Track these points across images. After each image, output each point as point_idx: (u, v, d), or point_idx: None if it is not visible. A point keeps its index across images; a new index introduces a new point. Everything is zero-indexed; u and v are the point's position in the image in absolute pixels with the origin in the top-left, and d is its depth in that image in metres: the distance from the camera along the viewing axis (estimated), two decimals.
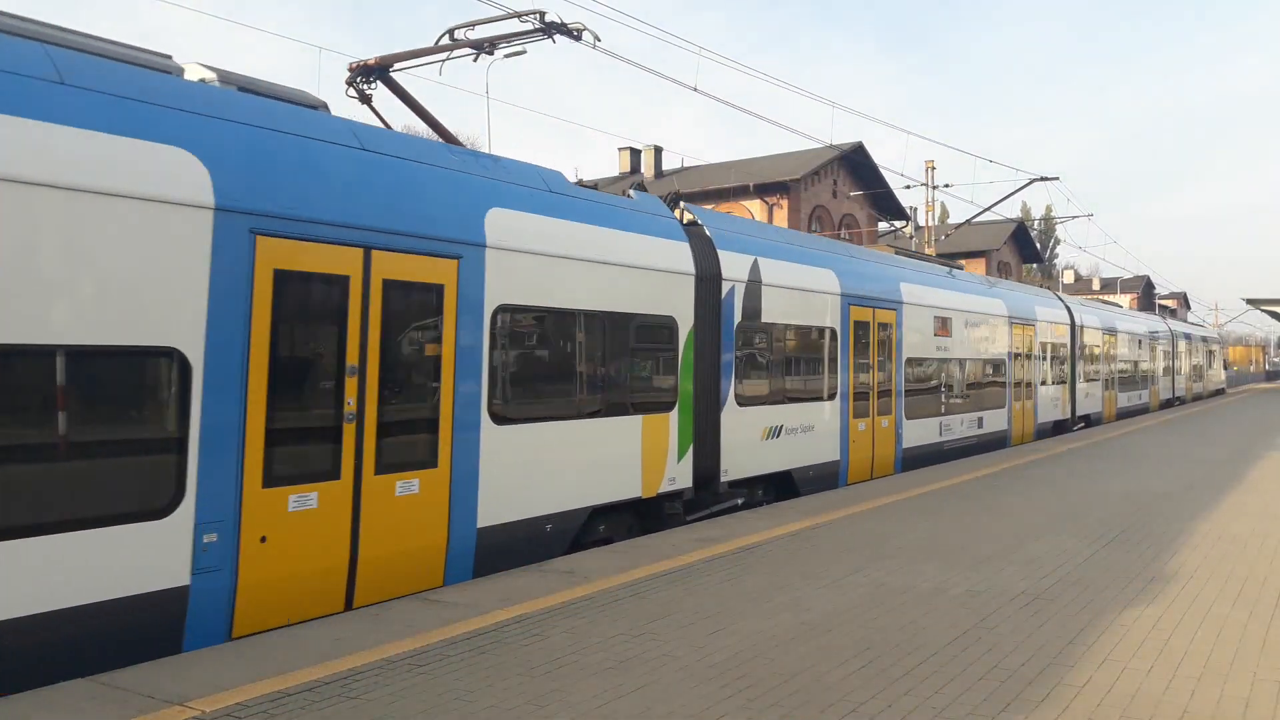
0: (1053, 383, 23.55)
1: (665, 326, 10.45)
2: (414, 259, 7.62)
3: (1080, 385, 25.73)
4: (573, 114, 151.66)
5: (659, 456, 10.23)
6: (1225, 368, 62.50)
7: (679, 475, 10.54)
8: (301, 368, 6.95)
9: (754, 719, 4.77)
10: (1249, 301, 49.63)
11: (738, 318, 11.64)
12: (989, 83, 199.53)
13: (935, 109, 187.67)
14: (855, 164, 48.74)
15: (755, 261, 12.04)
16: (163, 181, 6.01)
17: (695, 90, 17.48)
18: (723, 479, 11.31)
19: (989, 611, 6.75)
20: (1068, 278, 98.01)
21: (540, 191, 9.16)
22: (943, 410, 17.31)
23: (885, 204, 50.23)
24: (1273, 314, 54.11)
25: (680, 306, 10.66)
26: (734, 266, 11.67)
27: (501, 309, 8.37)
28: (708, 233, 11.59)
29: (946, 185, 33.32)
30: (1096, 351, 27.37)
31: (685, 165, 53.82)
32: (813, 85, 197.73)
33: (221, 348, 6.27)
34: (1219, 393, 52.50)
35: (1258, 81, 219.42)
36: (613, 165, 57.33)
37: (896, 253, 18.30)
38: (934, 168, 32.40)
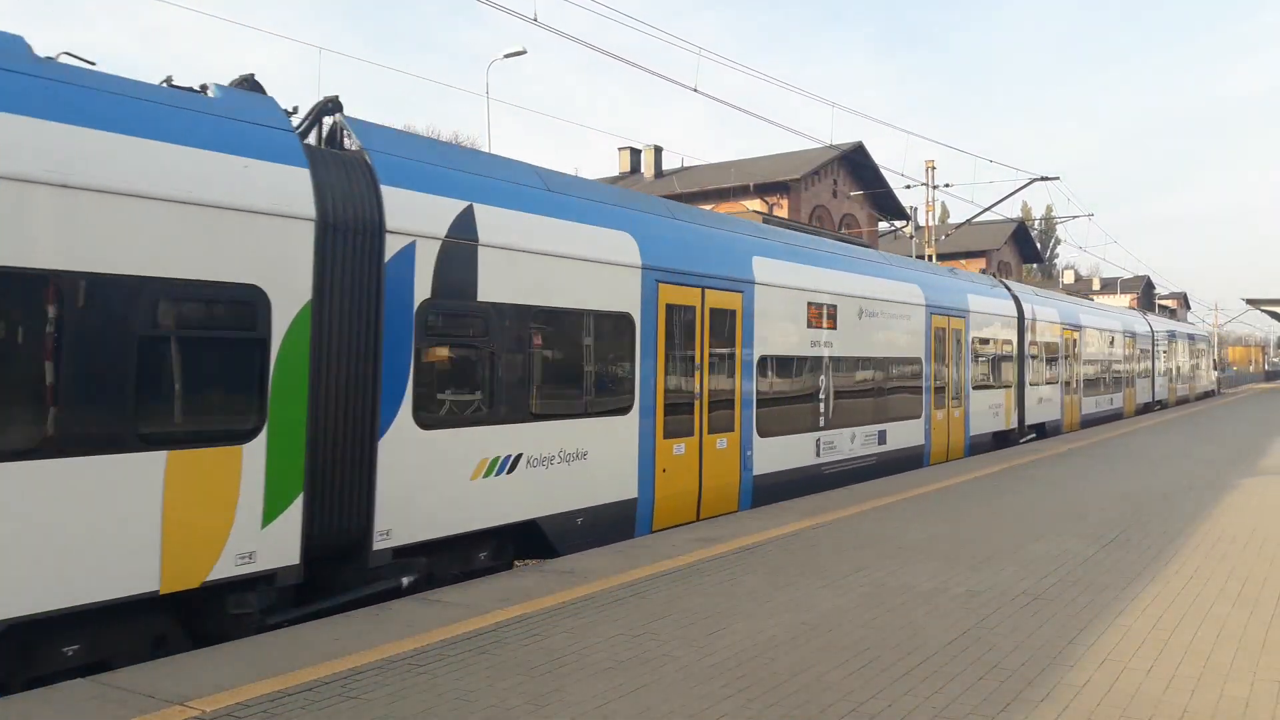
0: (992, 386, 20.02)
1: (239, 302, 6.62)
2: None
3: (1031, 389, 22.18)
4: (573, 114, 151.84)
5: (214, 520, 6.40)
6: (1218, 368, 61.84)
7: (266, 548, 6.67)
8: None
9: (754, 719, 4.78)
10: (1249, 301, 49.71)
11: (425, 294, 7.93)
12: (989, 83, 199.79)
13: (935, 109, 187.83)
14: (855, 164, 48.81)
15: (469, 210, 8.32)
16: None
17: (695, 90, 17.54)
18: (378, 545, 7.49)
19: (989, 611, 6.76)
20: (1068, 278, 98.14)
21: None
22: (821, 424, 13.55)
23: (885, 204, 50.29)
24: (1273, 314, 54.16)
25: (279, 270, 6.82)
26: (417, 214, 7.90)
27: None
28: (369, 160, 7.77)
29: (947, 185, 33.42)
30: (1054, 350, 23.94)
31: (685, 165, 53.94)
32: (813, 85, 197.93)
33: None
34: (1209, 395, 51.30)
35: (1258, 82, 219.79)
36: (613, 165, 57.53)
37: (765, 221, 14.63)
38: (934, 167, 32.39)
